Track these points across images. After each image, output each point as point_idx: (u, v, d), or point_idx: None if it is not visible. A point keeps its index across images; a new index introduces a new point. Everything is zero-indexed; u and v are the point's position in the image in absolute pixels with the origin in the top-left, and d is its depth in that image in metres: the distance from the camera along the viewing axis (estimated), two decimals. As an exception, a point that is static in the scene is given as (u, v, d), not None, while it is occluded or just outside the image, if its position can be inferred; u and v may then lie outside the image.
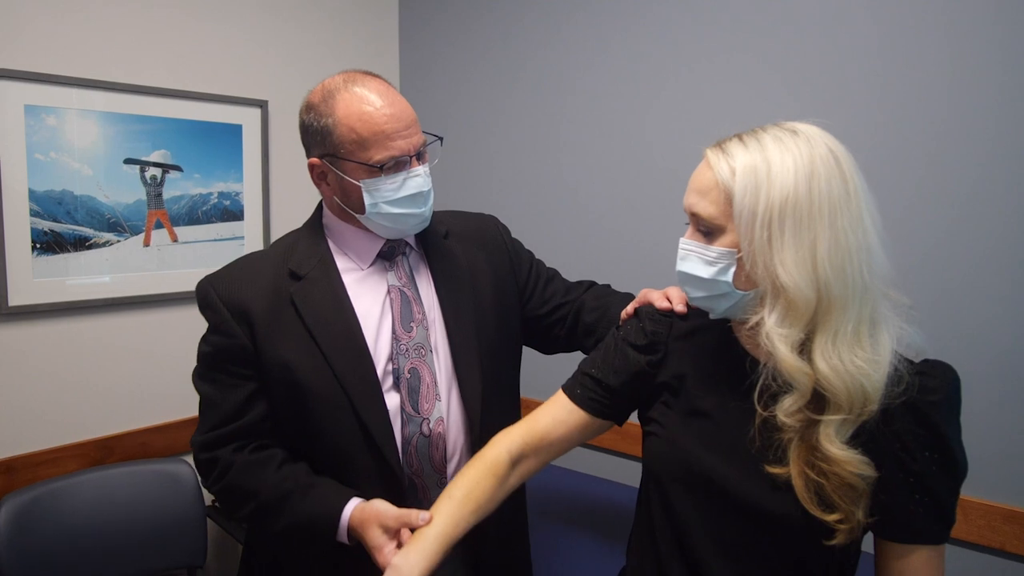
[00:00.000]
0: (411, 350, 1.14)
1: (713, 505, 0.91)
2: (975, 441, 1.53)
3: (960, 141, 1.55)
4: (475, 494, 1.00)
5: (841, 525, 0.82)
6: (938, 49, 1.56)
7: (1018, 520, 1.52)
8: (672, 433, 0.97)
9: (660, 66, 2.01)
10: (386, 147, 1.08)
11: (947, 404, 0.86)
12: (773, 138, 0.85)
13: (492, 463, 1.03)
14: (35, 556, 1.77)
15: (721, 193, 0.86)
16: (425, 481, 1.14)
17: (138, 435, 2.08)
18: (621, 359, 1.05)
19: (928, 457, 0.85)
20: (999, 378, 1.53)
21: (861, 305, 0.83)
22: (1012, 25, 1.47)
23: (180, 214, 2.13)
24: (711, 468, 0.91)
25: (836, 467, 0.81)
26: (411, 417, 1.12)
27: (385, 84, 1.14)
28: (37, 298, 1.86)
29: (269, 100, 2.30)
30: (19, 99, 1.79)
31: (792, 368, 0.81)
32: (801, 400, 0.83)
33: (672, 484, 0.94)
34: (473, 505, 1.00)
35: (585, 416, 1.06)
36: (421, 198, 1.13)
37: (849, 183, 0.83)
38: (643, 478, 1.05)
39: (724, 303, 0.90)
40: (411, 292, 1.17)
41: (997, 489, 1.55)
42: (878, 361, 0.82)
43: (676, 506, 0.94)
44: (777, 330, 0.82)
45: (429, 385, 1.14)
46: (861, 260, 0.82)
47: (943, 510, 0.87)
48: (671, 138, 2.00)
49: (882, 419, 0.83)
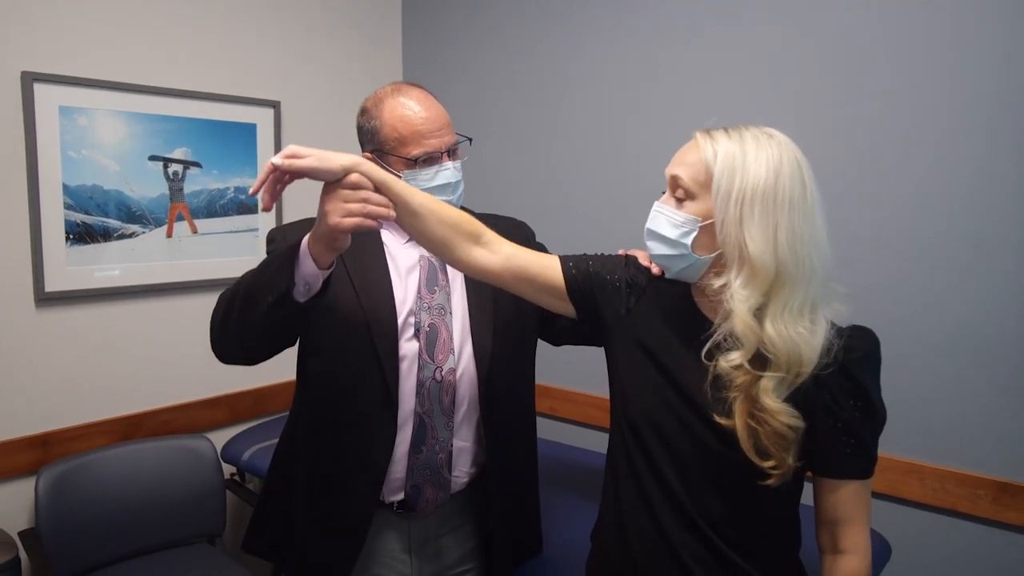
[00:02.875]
0: (432, 308, 1.32)
1: (673, 447, 1.06)
2: (929, 413, 1.71)
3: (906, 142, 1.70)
4: (437, 203, 1.13)
5: (775, 471, 0.98)
6: (883, 54, 1.72)
7: (968, 483, 1.67)
8: (638, 384, 1.11)
9: (660, 68, 2.14)
10: (421, 144, 1.28)
11: (867, 360, 1.02)
12: (753, 136, 1.02)
13: (468, 218, 1.15)
14: (70, 523, 1.92)
15: (702, 168, 1.02)
16: (434, 422, 1.30)
17: (163, 413, 2.24)
18: (613, 266, 1.18)
19: (852, 405, 1.01)
20: (950, 356, 1.68)
21: (808, 287, 0.98)
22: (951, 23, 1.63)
23: (199, 207, 2.28)
24: (671, 415, 1.06)
25: (771, 417, 0.96)
26: (426, 363, 1.29)
27: (425, 93, 1.34)
28: (70, 285, 2.01)
29: (281, 101, 2.45)
30: (54, 101, 1.94)
31: (744, 325, 0.97)
32: (745, 356, 0.98)
33: (641, 427, 1.09)
34: (428, 200, 1.12)
35: (558, 278, 1.16)
36: (450, 187, 1.32)
37: (807, 187, 1.00)
38: (614, 423, 1.18)
39: (681, 263, 1.06)
40: (438, 263, 1.35)
41: (949, 455, 1.70)
42: (816, 333, 0.98)
43: (645, 445, 1.08)
44: (741, 291, 0.98)
45: (445, 339, 1.31)
46: (811, 250, 0.98)
47: (866, 450, 1.03)
48: (667, 139, 2.14)
49: (814, 383, 0.99)
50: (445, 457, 1.32)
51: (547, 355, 1.61)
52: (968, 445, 1.68)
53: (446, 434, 1.31)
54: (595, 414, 2.31)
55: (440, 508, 1.36)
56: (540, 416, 2.43)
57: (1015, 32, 1.56)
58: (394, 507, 1.33)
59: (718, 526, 1.04)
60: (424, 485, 1.31)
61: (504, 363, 1.35)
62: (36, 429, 1.99)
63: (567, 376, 2.38)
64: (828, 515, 1.05)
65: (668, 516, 1.06)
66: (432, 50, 2.74)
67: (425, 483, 1.31)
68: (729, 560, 1.04)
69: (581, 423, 2.37)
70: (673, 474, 1.06)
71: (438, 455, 1.31)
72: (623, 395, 1.14)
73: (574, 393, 2.37)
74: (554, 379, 2.40)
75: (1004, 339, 1.61)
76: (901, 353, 1.72)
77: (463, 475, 1.36)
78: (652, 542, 1.08)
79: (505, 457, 1.38)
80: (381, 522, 1.34)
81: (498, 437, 1.36)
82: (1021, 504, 1.61)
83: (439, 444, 1.30)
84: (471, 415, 1.34)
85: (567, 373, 2.37)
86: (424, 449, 1.29)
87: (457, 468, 1.35)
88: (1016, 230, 1.59)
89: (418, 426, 1.29)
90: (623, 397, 1.14)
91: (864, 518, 1.04)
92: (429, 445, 1.30)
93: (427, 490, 1.31)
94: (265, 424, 2.42)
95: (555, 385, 2.41)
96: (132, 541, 2.02)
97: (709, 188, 1.01)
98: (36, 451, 1.98)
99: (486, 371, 1.33)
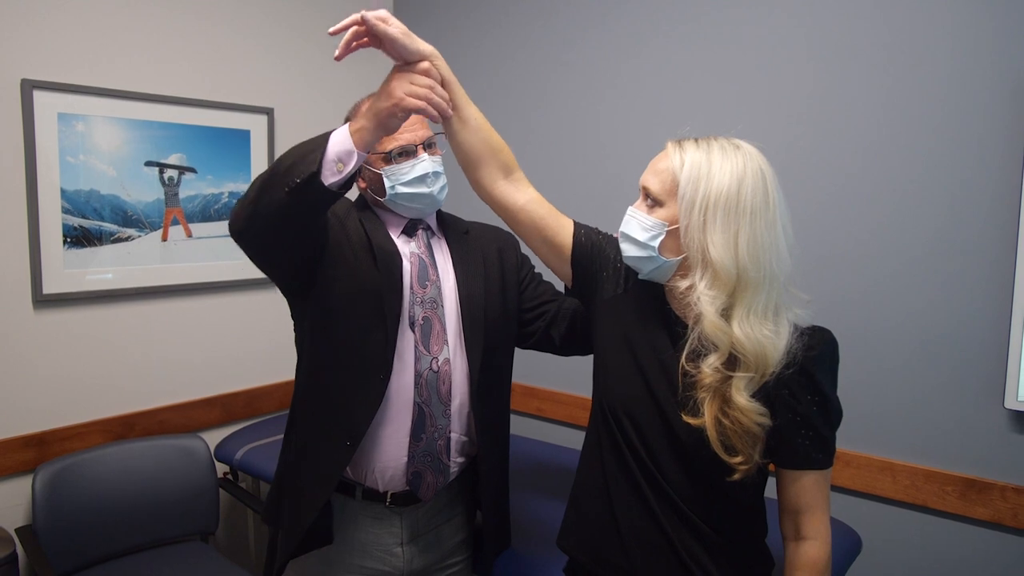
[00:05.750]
0: (425, 302, 1.38)
1: (645, 433, 1.12)
2: (900, 412, 1.77)
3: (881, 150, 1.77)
4: (488, 124, 1.22)
5: (741, 466, 1.04)
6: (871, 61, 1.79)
7: (936, 479, 1.74)
8: (617, 370, 1.17)
9: (650, 70, 2.21)
10: (394, 138, 1.33)
11: (823, 358, 1.08)
12: (720, 147, 1.08)
13: (508, 150, 1.24)
14: (65, 520, 1.96)
15: (670, 176, 1.09)
16: (432, 410, 1.36)
17: (157, 413, 2.28)
18: (619, 249, 1.22)
19: (810, 400, 1.07)
20: (923, 359, 1.75)
21: (769, 291, 1.05)
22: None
23: (194, 212, 2.33)
24: (643, 407, 1.12)
25: (741, 415, 1.02)
26: (422, 355, 1.35)
27: None
28: (67, 287, 2.06)
29: (275, 108, 2.51)
30: (53, 107, 1.99)
31: (715, 326, 1.03)
32: (722, 357, 1.04)
33: (618, 412, 1.15)
34: (482, 117, 1.22)
35: (567, 240, 1.24)
36: (429, 178, 1.37)
37: (770, 196, 1.06)
38: (596, 399, 1.24)
39: (650, 265, 1.12)
40: (428, 259, 1.41)
41: (919, 453, 1.77)
42: (779, 334, 1.04)
43: (622, 426, 1.14)
44: (706, 292, 1.04)
45: (439, 331, 1.38)
46: (771, 256, 1.04)
47: (824, 442, 1.09)
48: (653, 140, 2.21)
49: (775, 381, 1.05)
50: (444, 444, 1.38)
51: (534, 357, 1.66)
52: (937, 444, 1.75)
53: (444, 421, 1.37)
54: (581, 415, 2.37)
55: (438, 495, 1.42)
56: (528, 416, 2.51)
57: (1001, 40, 1.62)
58: (387, 502, 1.38)
59: (691, 503, 1.11)
60: (425, 472, 1.36)
61: (491, 355, 1.42)
62: (33, 428, 2.03)
63: (553, 378, 2.43)
64: (790, 504, 1.11)
65: (647, 490, 1.12)
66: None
67: (425, 469, 1.36)
68: (702, 532, 1.10)
69: (567, 423, 2.43)
70: (647, 455, 1.12)
71: (437, 442, 1.36)
72: (604, 377, 1.21)
73: (560, 394, 2.43)
74: (541, 380, 2.46)
75: (975, 344, 1.68)
76: (877, 357, 1.80)
77: (455, 464, 1.42)
78: (634, 515, 1.14)
79: (492, 448, 1.44)
80: (374, 516, 1.40)
81: (487, 428, 1.42)
82: (987, 500, 1.67)
83: (438, 431, 1.36)
84: (463, 407, 1.40)
85: (553, 375, 2.42)
86: (424, 437, 1.35)
87: (452, 455, 1.40)
88: (988, 241, 1.65)
89: (418, 415, 1.34)
90: (603, 379, 1.21)
91: (824, 506, 1.11)
92: (429, 433, 1.35)
93: (427, 476, 1.37)
94: (258, 424, 2.46)
95: (542, 386, 2.46)
96: (127, 538, 2.06)
97: (676, 196, 1.07)
98: (33, 450, 2.02)
99: (477, 364, 1.39)
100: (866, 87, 1.79)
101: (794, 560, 1.11)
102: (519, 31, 2.49)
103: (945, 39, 1.68)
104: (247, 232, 1.21)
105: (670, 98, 2.14)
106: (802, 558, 1.10)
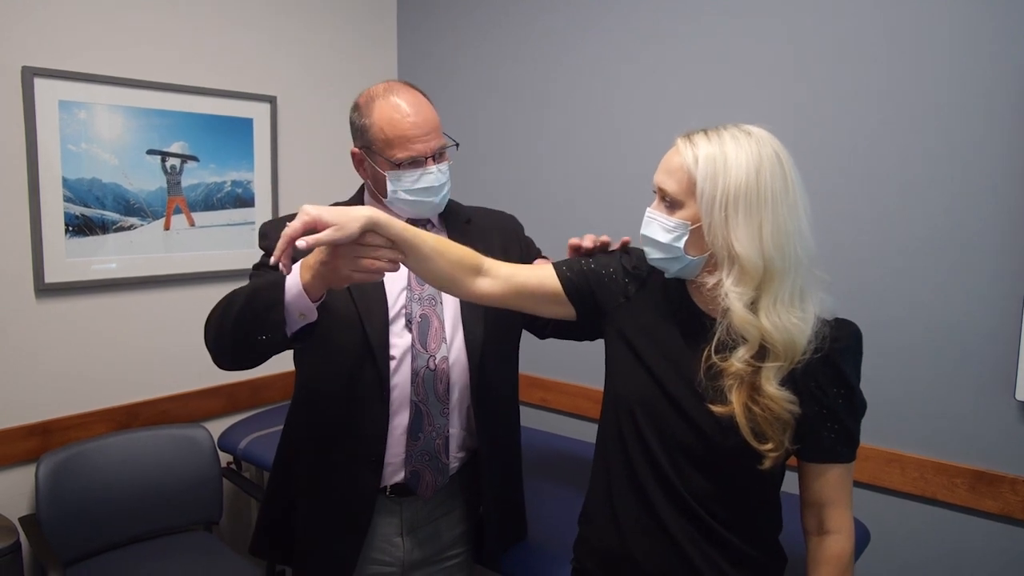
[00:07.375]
0: (423, 299, 1.36)
1: (664, 431, 1.10)
2: (910, 404, 1.75)
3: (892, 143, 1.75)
4: (444, 244, 1.15)
5: (772, 453, 1.02)
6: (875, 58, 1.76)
7: (946, 471, 1.72)
8: (636, 371, 1.15)
9: (652, 68, 2.18)
10: (406, 148, 1.30)
11: (849, 351, 1.06)
12: (731, 136, 1.05)
13: (470, 252, 1.18)
14: (69, 509, 1.96)
15: (685, 175, 1.05)
16: (430, 409, 1.34)
17: (160, 403, 2.27)
18: (606, 261, 1.22)
19: (836, 392, 1.05)
20: (933, 352, 1.73)
21: (795, 277, 1.02)
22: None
23: (197, 201, 2.31)
24: (667, 402, 1.10)
25: (772, 404, 1.01)
26: (419, 353, 1.33)
27: (416, 95, 1.35)
28: (69, 276, 2.05)
29: (278, 96, 2.48)
30: (54, 95, 1.97)
31: (744, 321, 1.01)
32: (752, 350, 1.02)
33: (636, 412, 1.13)
34: (436, 242, 1.13)
35: (556, 285, 1.20)
36: (433, 191, 1.34)
37: (788, 178, 1.03)
38: (608, 409, 1.22)
39: (676, 264, 1.10)
40: None
41: (928, 444, 1.75)
42: (806, 320, 1.02)
43: (638, 429, 1.13)
44: (734, 289, 1.02)
45: (437, 328, 1.35)
46: (796, 241, 1.02)
47: (850, 435, 1.08)
48: (656, 138, 2.18)
49: (802, 371, 1.03)
50: (442, 443, 1.36)
51: (539, 347, 1.65)
52: (947, 436, 1.73)
53: (442, 421, 1.35)
54: (586, 405, 2.35)
55: (438, 492, 1.40)
56: (533, 407, 2.50)
57: (1003, 37, 1.60)
58: (387, 492, 1.37)
59: (706, 503, 1.09)
60: (423, 470, 1.35)
61: (493, 351, 1.39)
62: (36, 417, 2.03)
63: (559, 368, 2.42)
64: (814, 498, 1.10)
65: (658, 495, 1.11)
66: (427, 46, 2.77)
67: (424, 468, 1.35)
68: (717, 536, 1.09)
69: (572, 414, 2.41)
70: (663, 456, 1.10)
71: (435, 441, 1.35)
72: (621, 381, 1.18)
73: (566, 384, 2.41)
74: (546, 371, 2.44)
75: (985, 336, 1.66)
76: (886, 348, 1.77)
77: (455, 460, 1.41)
78: (642, 521, 1.12)
79: (494, 442, 1.42)
80: (375, 507, 1.38)
81: (488, 423, 1.40)
82: (996, 492, 1.66)
83: (436, 431, 1.35)
84: (463, 402, 1.39)
85: (559, 365, 2.41)
86: (421, 436, 1.34)
87: (451, 453, 1.39)
88: (999, 232, 1.63)
89: (415, 414, 1.33)
90: (621, 383, 1.18)
91: (847, 500, 1.10)
92: (426, 432, 1.34)
93: (426, 475, 1.36)
94: (261, 414, 2.46)
95: (547, 377, 2.45)
96: (130, 527, 2.06)
97: (694, 194, 1.04)
98: (36, 439, 2.02)
99: (477, 359, 1.37)
100: (870, 74, 1.76)
101: (818, 555, 1.10)
102: (520, 30, 2.47)
103: (981, 28, 1.64)
104: (224, 366, 1.24)
105: (674, 95, 2.11)
106: (827, 552, 1.09)
